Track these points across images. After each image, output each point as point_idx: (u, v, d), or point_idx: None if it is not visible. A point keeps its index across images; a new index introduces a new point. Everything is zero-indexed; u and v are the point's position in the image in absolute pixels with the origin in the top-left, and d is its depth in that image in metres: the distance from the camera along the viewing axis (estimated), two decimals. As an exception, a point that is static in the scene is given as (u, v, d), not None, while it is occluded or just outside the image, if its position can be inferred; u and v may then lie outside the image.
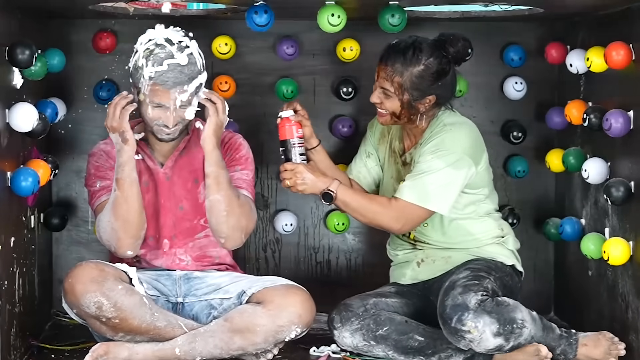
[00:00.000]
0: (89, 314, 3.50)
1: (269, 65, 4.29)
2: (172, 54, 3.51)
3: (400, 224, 3.68)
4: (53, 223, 4.08)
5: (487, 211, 3.82)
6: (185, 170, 3.74)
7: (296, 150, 3.74)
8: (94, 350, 3.53)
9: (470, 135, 3.73)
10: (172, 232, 3.74)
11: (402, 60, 3.65)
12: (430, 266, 3.84)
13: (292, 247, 4.40)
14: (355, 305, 3.74)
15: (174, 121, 3.57)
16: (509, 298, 3.58)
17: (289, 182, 3.69)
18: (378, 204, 3.69)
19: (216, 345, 3.57)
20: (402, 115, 3.71)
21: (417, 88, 3.66)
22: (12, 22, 3.49)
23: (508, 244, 3.83)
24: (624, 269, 3.64)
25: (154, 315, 3.55)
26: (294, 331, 3.58)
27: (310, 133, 3.82)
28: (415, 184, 3.64)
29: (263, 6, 3.65)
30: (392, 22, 3.72)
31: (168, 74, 3.50)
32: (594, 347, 3.59)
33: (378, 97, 3.72)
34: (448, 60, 3.69)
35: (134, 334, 3.54)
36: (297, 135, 3.74)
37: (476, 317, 3.48)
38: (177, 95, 3.53)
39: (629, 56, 3.53)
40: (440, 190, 3.63)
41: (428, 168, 3.64)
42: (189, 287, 3.74)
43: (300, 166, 3.69)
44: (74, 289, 3.48)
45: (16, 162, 3.50)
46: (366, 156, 3.96)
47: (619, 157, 3.68)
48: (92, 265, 3.53)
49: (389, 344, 3.69)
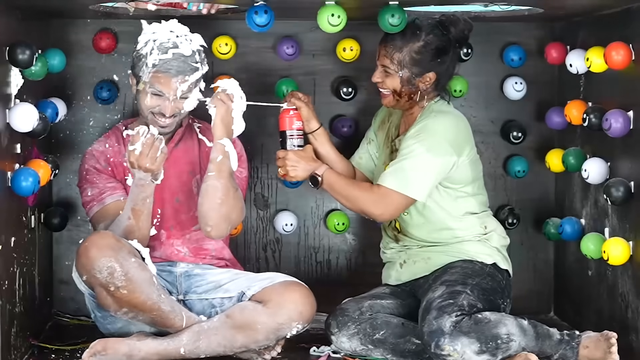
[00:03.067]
0: (99, 280, 3.48)
1: (269, 65, 4.30)
2: (176, 44, 3.58)
3: (381, 210, 3.67)
4: (53, 223, 4.08)
5: (469, 210, 3.78)
6: (181, 162, 3.76)
7: (292, 141, 3.79)
8: (93, 346, 3.53)
9: (454, 124, 3.73)
10: (169, 224, 3.76)
11: (402, 37, 3.70)
12: (411, 267, 3.83)
13: (292, 247, 4.40)
14: (351, 310, 3.74)
15: (172, 111, 3.60)
16: (490, 312, 3.54)
17: (282, 170, 3.75)
18: (361, 189, 3.70)
19: (219, 343, 3.58)
20: (403, 93, 3.72)
21: (416, 64, 3.69)
22: (12, 22, 3.49)
23: (491, 241, 3.79)
24: (624, 269, 3.64)
25: (160, 296, 3.55)
26: (295, 328, 3.59)
27: (309, 116, 3.85)
28: (396, 170, 3.65)
29: (263, 6, 3.65)
30: (392, 22, 3.72)
31: (172, 62, 3.56)
32: (595, 349, 3.57)
33: (379, 76, 3.75)
34: (448, 39, 3.71)
35: (137, 310, 3.53)
36: (295, 127, 3.80)
37: (452, 340, 3.45)
38: (178, 85, 3.58)
39: (629, 56, 3.53)
40: (418, 176, 3.63)
41: (408, 152, 3.65)
42: (189, 285, 3.75)
43: (289, 153, 3.74)
44: (89, 252, 3.47)
45: (16, 162, 3.50)
46: (367, 142, 3.99)
47: (619, 157, 3.68)
48: (108, 234, 3.54)
49: (386, 347, 3.69)
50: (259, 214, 4.36)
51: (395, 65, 3.70)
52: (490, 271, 3.75)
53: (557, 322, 4.30)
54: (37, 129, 3.48)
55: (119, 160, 3.75)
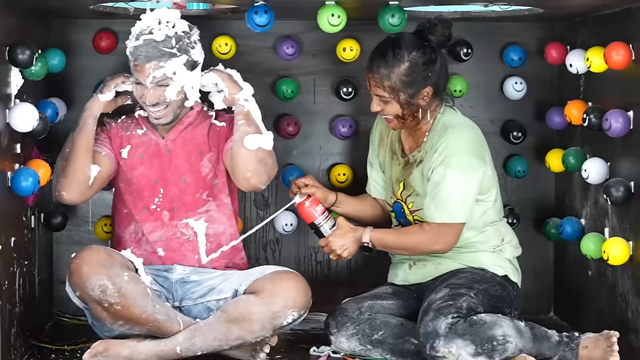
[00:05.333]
0: (93, 297, 3.49)
1: (269, 65, 4.30)
2: (151, 30, 3.58)
3: (441, 245, 3.67)
4: (53, 223, 4.08)
5: (489, 220, 3.77)
6: (190, 143, 3.75)
7: (325, 227, 3.76)
8: (94, 347, 3.54)
9: (472, 136, 3.70)
10: (172, 205, 3.74)
11: (385, 64, 3.61)
12: (420, 270, 3.82)
13: (292, 247, 4.40)
14: (350, 310, 3.74)
15: (152, 99, 3.61)
16: (487, 314, 3.54)
17: (332, 256, 3.73)
18: (413, 233, 3.70)
19: (215, 337, 3.57)
20: (406, 116, 3.67)
21: (409, 85, 3.62)
22: (12, 22, 3.49)
23: (505, 253, 3.79)
24: (624, 268, 3.64)
25: (155, 307, 3.55)
26: (291, 315, 3.56)
27: (324, 195, 3.83)
28: (439, 202, 3.62)
29: (263, 6, 3.66)
30: (392, 22, 3.72)
31: (142, 48, 3.57)
32: (595, 349, 3.57)
33: (377, 105, 3.68)
34: (432, 48, 3.64)
35: (133, 324, 3.54)
36: (319, 214, 3.77)
37: (447, 342, 3.45)
38: (152, 71, 3.58)
39: (629, 56, 3.53)
40: (460, 201, 3.61)
41: (442, 181, 3.61)
42: (185, 291, 3.74)
43: (330, 239, 3.72)
44: (81, 270, 3.48)
45: (16, 162, 3.50)
46: (370, 167, 3.95)
47: (619, 157, 3.68)
48: (100, 249, 3.55)
49: (385, 347, 3.69)
50: (259, 214, 4.36)
51: (389, 92, 3.62)
52: (500, 281, 3.74)
53: (557, 322, 4.30)
54: (37, 129, 3.48)
55: (124, 135, 3.77)
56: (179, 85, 3.61)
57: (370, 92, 3.69)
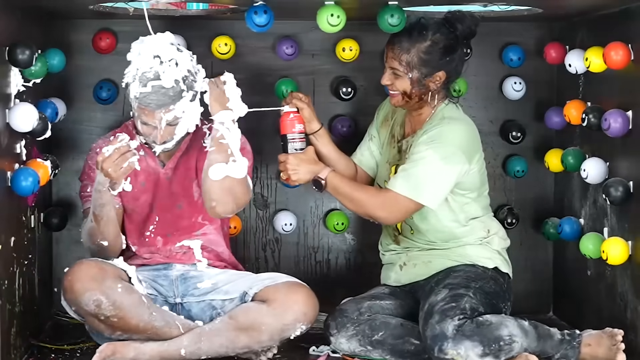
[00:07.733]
0: (88, 312, 3.50)
1: (268, 65, 4.30)
2: (158, 74, 3.50)
3: (386, 213, 3.64)
4: (53, 223, 4.09)
5: (473, 215, 3.77)
6: (184, 167, 3.74)
7: (294, 144, 3.75)
8: (101, 351, 3.53)
9: (467, 131, 3.71)
10: (167, 231, 3.75)
11: (408, 38, 3.66)
12: (411, 270, 3.82)
13: (291, 247, 4.41)
14: (349, 310, 3.74)
15: (162, 138, 3.58)
16: (492, 314, 3.54)
17: (283, 174, 3.72)
18: (367, 192, 3.68)
19: (222, 344, 3.57)
20: (413, 95, 3.69)
21: (425, 64, 3.65)
22: (12, 22, 3.49)
23: (492, 244, 3.78)
24: (623, 268, 3.65)
25: (152, 314, 3.55)
26: (299, 329, 3.59)
27: (311, 117, 3.83)
28: (408, 175, 3.61)
29: (263, 6, 3.66)
30: (392, 22, 3.72)
31: (151, 96, 3.50)
32: (597, 346, 3.57)
33: (388, 79, 3.71)
34: (456, 36, 3.68)
35: (132, 333, 3.55)
36: (296, 130, 3.76)
37: (456, 344, 3.45)
38: (163, 115, 3.53)
39: (628, 56, 3.54)
40: (432, 183, 3.60)
41: (420, 158, 3.61)
42: (186, 287, 3.74)
43: (290, 157, 3.70)
44: (73, 287, 3.49)
45: (16, 162, 3.50)
46: (369, 139, 3.96)
47: (618, 157, 3.69)
48: (91, 264, 3.54)
49: (385, 348, 3.69)
50: (259, 214, 4.37)
51: (404, 66, 3.66)
52: (492, 275, 3.74)
53: (556, 321, 4.30)
54: (37, 129, 3.49)
55: None
56: (188, 120, 3.58)
57: (384, 65, 3.71)
